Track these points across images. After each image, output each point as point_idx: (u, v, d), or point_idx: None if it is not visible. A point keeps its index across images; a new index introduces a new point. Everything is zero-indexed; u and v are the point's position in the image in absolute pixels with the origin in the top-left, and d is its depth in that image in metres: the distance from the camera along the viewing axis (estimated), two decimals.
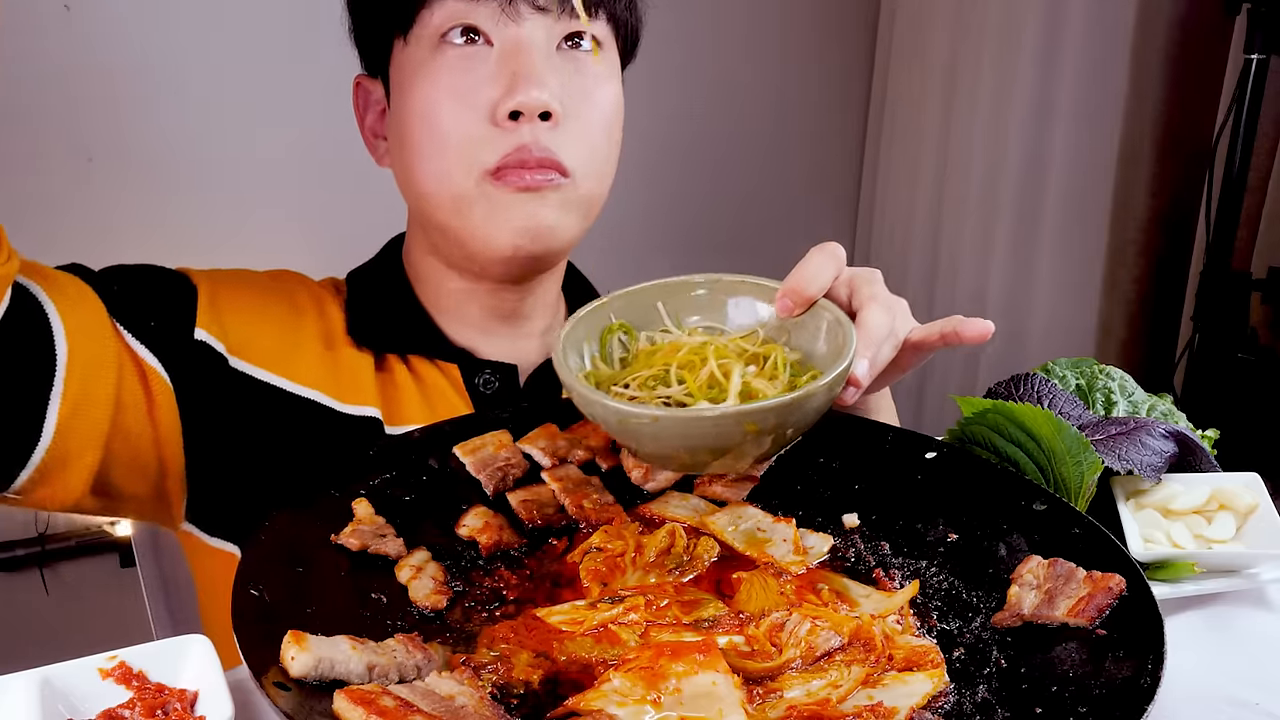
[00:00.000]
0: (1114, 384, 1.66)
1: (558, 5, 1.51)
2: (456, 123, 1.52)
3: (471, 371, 1.70)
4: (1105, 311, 4.10)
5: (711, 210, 4.29)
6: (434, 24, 1.52)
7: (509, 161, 1.51)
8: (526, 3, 1.50)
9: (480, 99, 1.51)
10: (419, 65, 1.55)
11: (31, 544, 3.71)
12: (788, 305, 1.32)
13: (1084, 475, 1.39)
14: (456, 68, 1.52)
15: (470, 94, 1.52)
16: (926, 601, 1.23)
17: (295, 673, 0.97)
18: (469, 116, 1.52)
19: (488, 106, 1.51)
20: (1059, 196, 3.99)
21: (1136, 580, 1.15)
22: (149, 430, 1.49)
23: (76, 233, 3.25)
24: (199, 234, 3.39)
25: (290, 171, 3.49)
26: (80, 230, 3.25)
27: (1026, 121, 3.98)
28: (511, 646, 1.12)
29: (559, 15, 1.53)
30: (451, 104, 1.52)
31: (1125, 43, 3.81)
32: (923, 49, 4.35)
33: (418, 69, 1.55)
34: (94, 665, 1.02)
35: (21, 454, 1.35)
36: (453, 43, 1.52)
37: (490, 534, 1.31)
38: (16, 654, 2.37)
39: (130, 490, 1.50)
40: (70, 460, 1.40)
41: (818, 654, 1.10)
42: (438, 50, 1.53)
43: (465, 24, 1.51)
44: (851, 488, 1.44)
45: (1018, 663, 1.11)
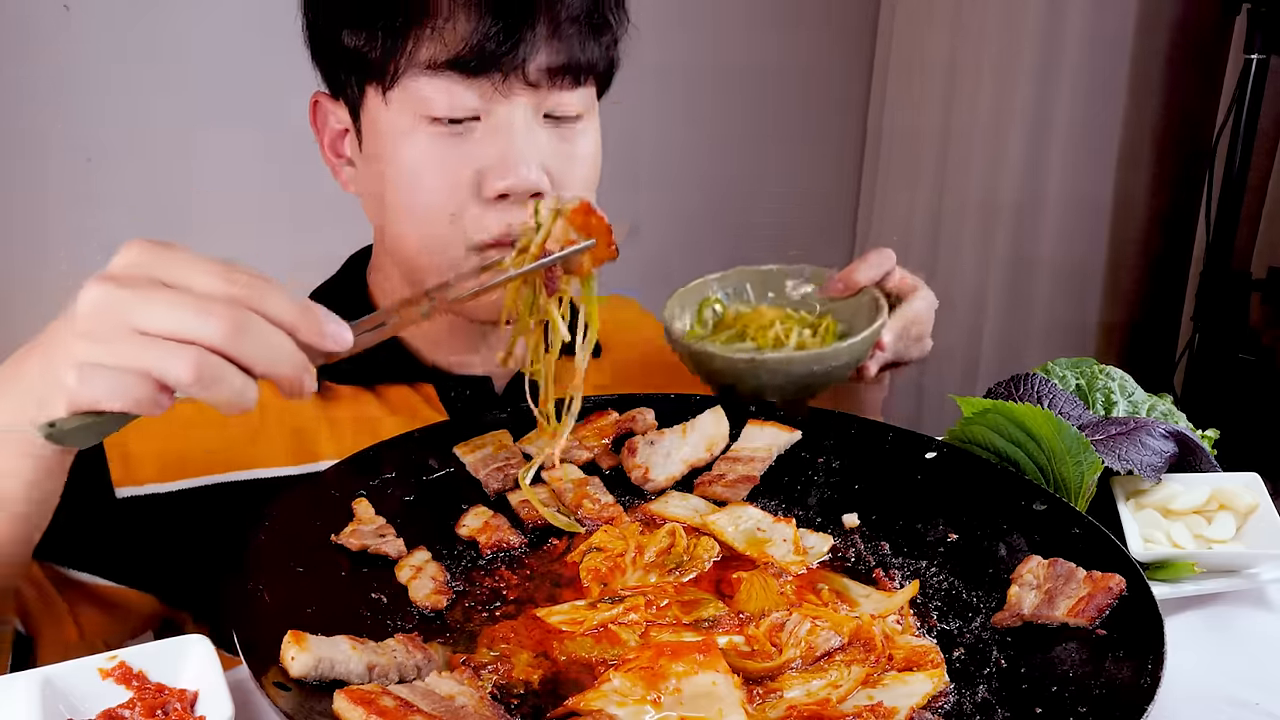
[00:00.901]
0: (1114, 384, 1.66)
1: (547, 80, 1.49)
2: (443, 197, 1.50)
3: (447, 388, 1.69)
4: (1105, 311, 4.10)
5: (709, 212, 4.29)
6: (421, 96, 1.47)
7: (500, 240, 1.50)
8: (519, 79, 1.47)
9: (467, 174, 1.49)
10: (401, 133, 1.51)
11: None
12: (839, 288, 1.66)
13: (1084, 475, 1.39)
14: (442, 143, 1.49)
15: (457, 169, 1.49)
16: (926, 601, 1.23)
17: (295, 673, 0.97)
18: (457, 192, 1.50)
19: (474, 180, 1.49)
20: (1059, 196, 3.99)
21: (1136, 580, 1.15)
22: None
23: (74, 232, 3.24)
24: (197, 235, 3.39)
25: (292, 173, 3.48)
26: (78, 230, 3.24)
27: (1026, 121, 3.98)
28: (511, 646, 1.12)
29: (549, 90, 1.50)
30: (437, 179, 1.50)
31: (1125, 43, 3.81)
32: (922, 48, 4.35)
33: (400, 136, 1.51)
34: (94, 665, 1.02)
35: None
36: (443, 121, 1.49)
37: (490, 534, 1.31)
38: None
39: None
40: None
41: (818, 654, 1.10)
42: (423, 124, 1.49)
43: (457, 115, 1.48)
44: (851, 488, 1.44)
45: (1018, 663, 1.11)
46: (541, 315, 1.38)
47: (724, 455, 1.49)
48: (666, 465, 1.46)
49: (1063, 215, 4.00)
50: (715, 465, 1.47)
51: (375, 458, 1.37)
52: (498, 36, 1.43)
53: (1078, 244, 4.02)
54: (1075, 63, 3.85)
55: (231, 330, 1.01)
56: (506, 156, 1.47)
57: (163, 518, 1.53)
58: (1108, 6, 3.79)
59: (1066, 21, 3.83)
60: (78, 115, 3.20)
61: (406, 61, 1.46)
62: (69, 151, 3.21)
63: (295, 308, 1.06)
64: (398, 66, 1.47)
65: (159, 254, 1.05)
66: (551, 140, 1.52)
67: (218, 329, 1.01)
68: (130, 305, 1.02)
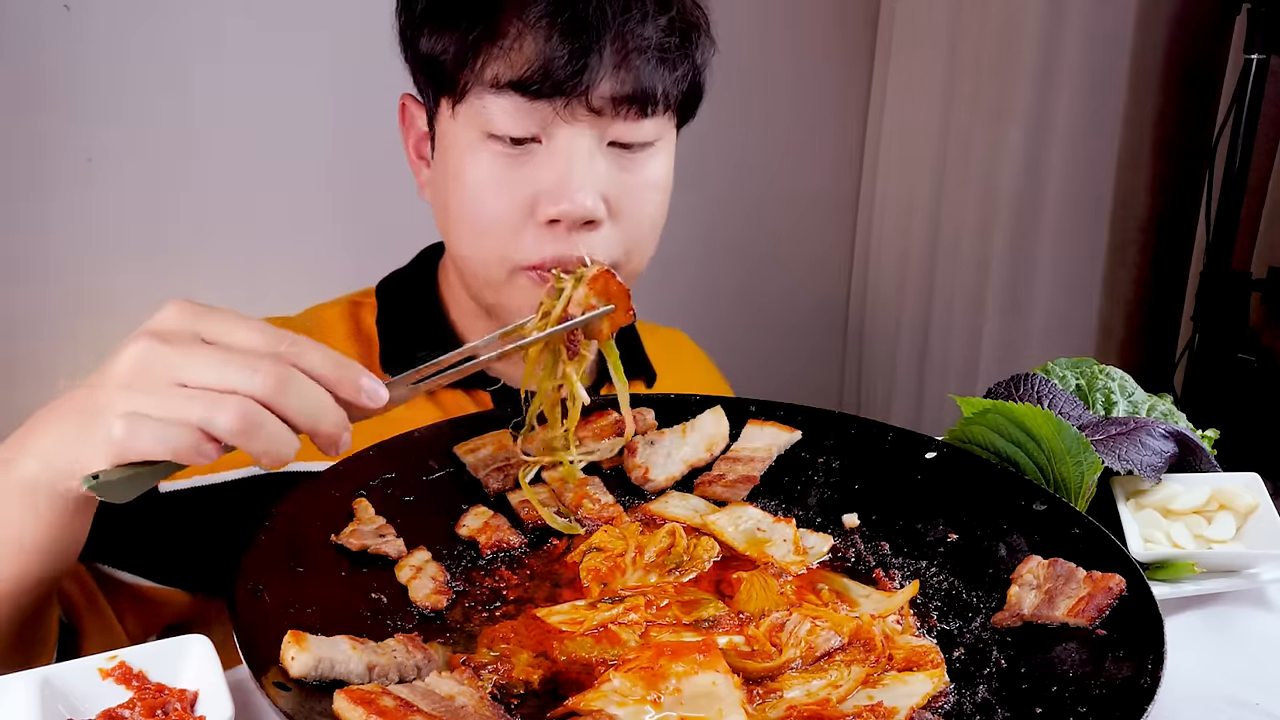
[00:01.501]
0: (1114, 384, 1.66)
1: (611, 108, 1.49)
2: (500, 216, 1.52)
3: (505, 397, 1.69)
4: (1105, 311, 4.09)
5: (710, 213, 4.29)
6: (485, 113, 1.49)
7: (546, 264, 1.51)
8: (583, 105, 1.47)
9: (523, 193, 1.51)
10: (465, 147, 1.53)
11: None
12: None
13: (1084, 475, 1.39)
14: (503, 162, 1.51)
15: (515, 189, 1.51)
16: (926, 601, 1.23)
17: (295, 673, 0.97)
18: (513, 213, 1.51)
19: (530, 202, 1.50)
20: (1058, 196, 3.98)
21: (1136, 580, 1.15)
22: None
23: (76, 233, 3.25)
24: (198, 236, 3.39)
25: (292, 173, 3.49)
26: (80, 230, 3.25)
27: (1026, 120, 3.98)
28: (511, 646, 1.12)
29: (613, 118, 1.50)
30: (495, 197, 1.51)
31: (1125, 42, 3.80)
32: (922, 48, 4.35)
33: (464, 150, 1.53)
34: (94, 665, 1.02)
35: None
36: (504, 141, 1.50)
37: (490, 534, 1.31)
38: None
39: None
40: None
41: (818, 654, 1.10)
42: (486, 142, 1.51)
43: (518, 135, 1.49)
44: (851, 488, 1.44)
45: (1018, 663, 1.11)
46: (560, 380, 1.41)
47: (724, 455, 1.49)
48: (666, 465, 1.46)
49: (1062, 214, 4.00)
50: (715, 465, 1.47)
51: (375, 458, 1.36)
52: (563, 61, 1.44)
53: (1077, 243, 4.02)
54: (1075, 61, 3.84)
55: (275, 384, 1.05)
56: (564, 182, 1.48)
57: (206, 511, 1.55)
58: (1107, 5, 3.78)
59: (1066, 21, 3.83)
60: (79, 116, 3.20)
61: (474, 77, 1.48)
62: (70, 152, 3.21)
63: (334, 365, 1.11)
64: (466, 81, 1.49)
65: (199, 312, 1.09)
66: (614, 168, 1.53)
67: (262, 383, 1.05)
68: (174, 360, 1.05)
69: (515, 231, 1.52)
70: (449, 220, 1.59)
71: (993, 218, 4.14)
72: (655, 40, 1.49)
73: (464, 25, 1.48)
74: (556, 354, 1.41)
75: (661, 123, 1.56)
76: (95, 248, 3.28)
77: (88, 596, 1.46)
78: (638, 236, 1.59)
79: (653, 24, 1.49)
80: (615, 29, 1.46)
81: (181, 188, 3.35)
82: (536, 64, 1.44)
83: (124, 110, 3.24)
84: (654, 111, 1.53)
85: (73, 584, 1.43)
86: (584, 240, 1.51)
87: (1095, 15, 3.79)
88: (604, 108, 1.48)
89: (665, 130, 1.59)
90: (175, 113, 3.30)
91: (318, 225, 3.54)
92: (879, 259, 4.69)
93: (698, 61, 1.58)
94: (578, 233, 1.51)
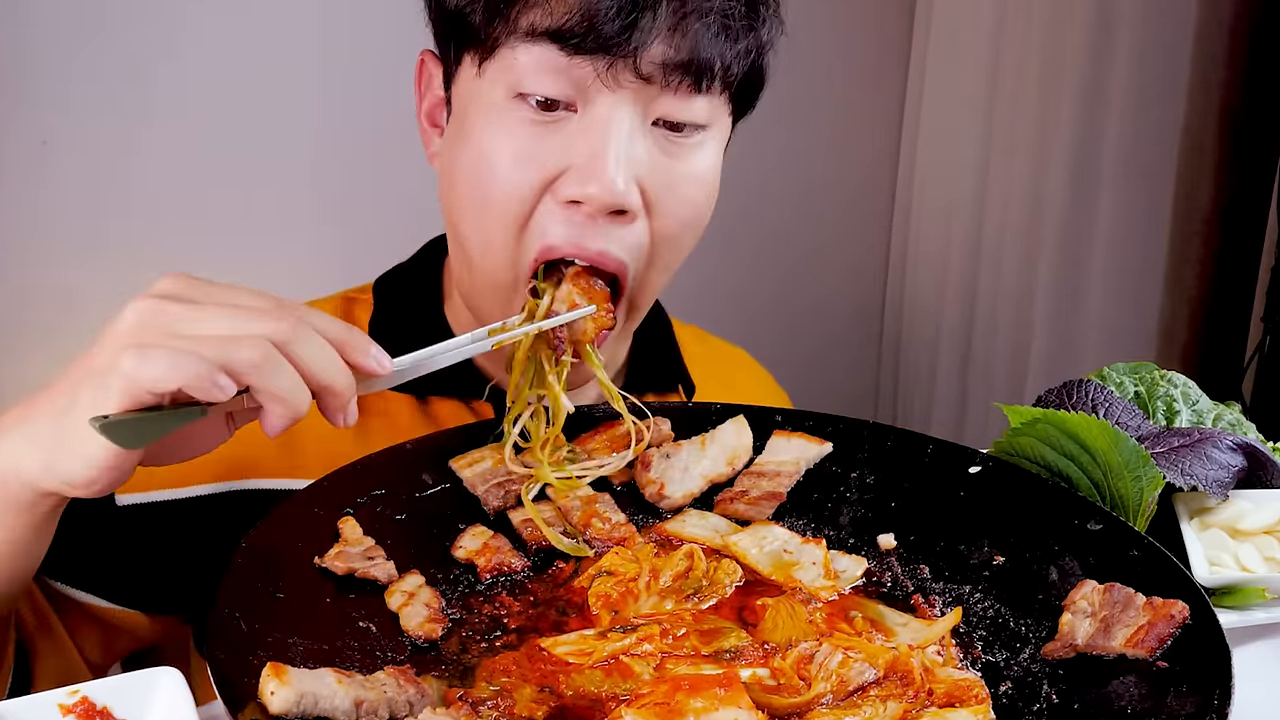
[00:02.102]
0: (1176, 391, 1.66)
1: (661, 76, 1.42)
2: (511, 189, 1.45)
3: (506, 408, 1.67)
4: (1166, 312, 4.08)
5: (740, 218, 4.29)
6: (516, 67, 1.43)
7: (556, 251, 1.46)
8: (629, 68, 1.40)
9: (546, 168, 1.44)
10: (487, 110, 1.47)
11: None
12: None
13: (1143, 491, 1.39)
14: (529, 130, 1.45)
15: (537, 161, 1.44)
16: (970, 630, 1.23)
17: (275, 709, 0.97)
18: (527, 187, 1.45)
19: (551, 177, 1.44)
20: (1115, 186, 3.97)
21: (1201, 607, 1.14)
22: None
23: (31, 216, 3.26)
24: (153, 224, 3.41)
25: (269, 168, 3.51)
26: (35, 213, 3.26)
27: (1078, 103, 3.97)
28: (513, 680, 1.12)
29: (662, 88, 1.44)
30: (512, 168, 1.45)
31: (1188, 18, 3.79)
32: (963, 32, 4.35)
33: (485, 114, 1.47)
34: (54, 700, 1.02)
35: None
36: (532, 104, 1.44)
37: (490, 556, 1.31)
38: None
39: None
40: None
41: (850, 688, 1.10)
42: (512, 104, 1.45)
43: (550, 94, 1.42)
44: (888, 505, 1.44)
45: (1070, 698, 1.11)
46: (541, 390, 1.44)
47: (747, 470, 1.49)
48: (684, 481, 1.46)
49: (1119, 206, 3.99)
50: (737, 480, 1.47)
51: (363, 472, 1.36)
52: (611, 13, 1.37)
53: (1135, 238, 4.01)
54: (1131, 39, 3.84)
55: (289, 329, 1.10)
56: (596, 157, 1.42)
57: (168, 527, 1.55)
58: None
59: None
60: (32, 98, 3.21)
61: (507, 28, 1.42)
62: (23, 135, 3.23)
63: (342, 328, 1.16)
64: (498, 33, 1.43)
65: (200, 282, 1.14)
66: (656, 152, 1.47)
67: (275, 327, 1.09)
68: (180, 316, 1.10)
69: (524, 207, 1.46)
70: (453, 193, 1.54)
71: (1041, 211, 4.13)
72: (719, 4, 1.43)
73: None
74: (540, 364, 1.42)
75: (716, 105, 1.51)
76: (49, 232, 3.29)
77: (39, 615, 1.47)
78: (672, 239, 1.52)
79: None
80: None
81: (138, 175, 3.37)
82: (580, 12, 1.38)
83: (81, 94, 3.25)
84: (709, 87, 1.46)
85: (24, 601, 1.43)
86: (607, 233, 1.46)
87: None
88: (653, 74, 1.41)
89: (719, 116, 1.53)
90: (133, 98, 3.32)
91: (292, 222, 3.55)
92: (917, 260, 4.69)
93: (763, 39, 1.52)
94: (602, 222, 1.45)
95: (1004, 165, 4.25)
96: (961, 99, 4.38)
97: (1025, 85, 4.12)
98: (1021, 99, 4.15)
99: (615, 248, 1.47)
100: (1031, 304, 4.22)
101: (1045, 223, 4.13)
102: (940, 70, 4.49)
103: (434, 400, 1.68)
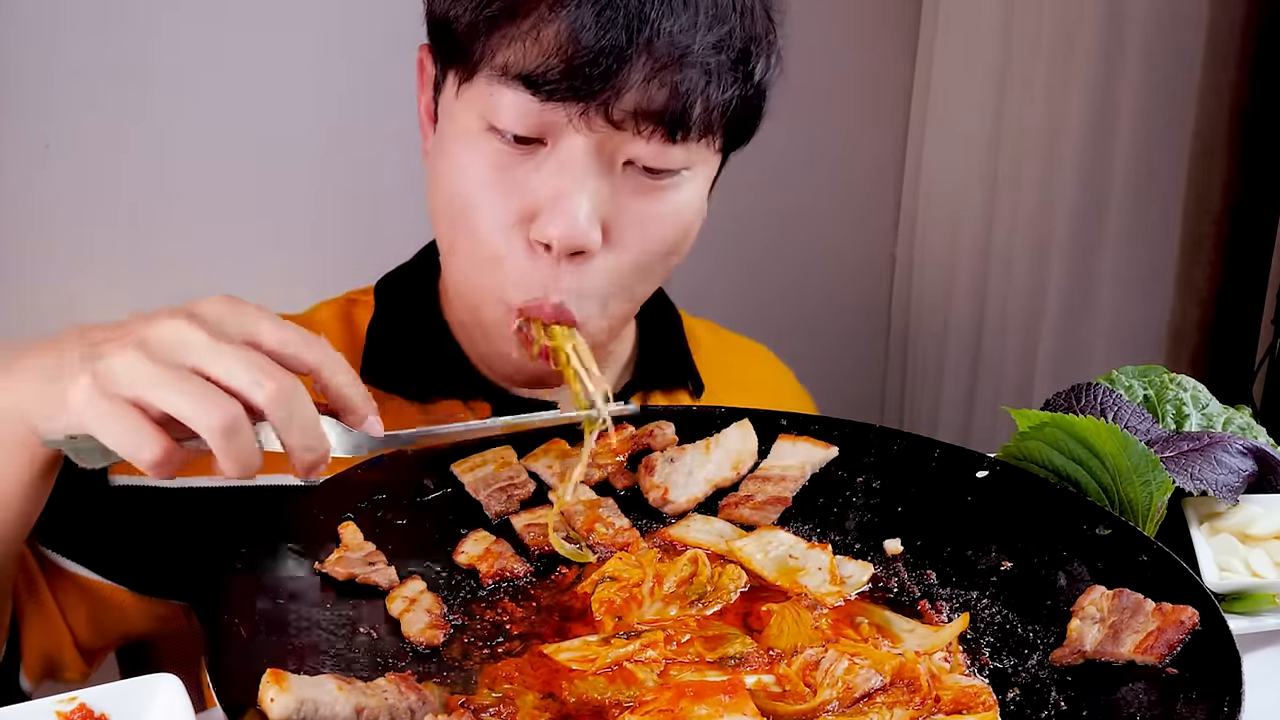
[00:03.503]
0: (1186, 395, 1.66)
1: (633, 124, 1.41)
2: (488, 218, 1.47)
3: (506, 409, 1.67)
4: (1176, 314, 4.08)
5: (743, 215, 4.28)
6: (489, 100, 1.43)
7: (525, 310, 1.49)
8: (601, 114, 1.40)
9: (518, 200, 1.45)
10: (463, 134, 1.47)
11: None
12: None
13: (1152, 496, 1.39)
14: (501, 159, 1.45)
15: (510, 191, 1.45)
16: (978, 636, 1.23)
17: (275, 716, 0.97)
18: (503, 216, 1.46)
19: (525, 212, 1.45)
20: (1125, 187, 3.96)
21: (1211, 613, 1.14)
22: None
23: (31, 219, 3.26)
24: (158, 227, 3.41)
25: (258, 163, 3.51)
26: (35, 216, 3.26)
27: (1088, 104, 3.96)
28: (516, 687, 1.12)
29: (635, 134, 1.43)
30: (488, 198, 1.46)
31: (1199, 20, 3.79)
32: (971, 28, 4.34)
33: (461, 137, 1.48)
34: (50, 708, 1.02)
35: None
36: (504, 137, 1.44)
37: (492, 562, 1.31)
38: None
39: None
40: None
41: (856, 695, 1.10)
42: (485, 135, 1.45)
43: (521, 133, 1.43)
44: (894, 510, 1.44)
45: (1079, 705, 1.11)
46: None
47: (752, 474, 1.48)
48: (688, 485, 1.46)
49: (1129, 208, 3.98)
50: (742, 485, 1.47)
51: (363, 477, 1.36)
52: (585, 61, 1.37)
53: (1146, 238, 4.00)
54: (1142, 36, 3.83)
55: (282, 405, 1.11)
56: (563, 198, 1.42)
57: (166, 512, 1.56)
58: None
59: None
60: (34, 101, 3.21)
61: (485, 58, 1.42)
62: (24, 138, 3.23)
63: (352, 386, 1.19)
64: (477, 56, 1.43)
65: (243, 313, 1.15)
66: (624, 192, 1.48)
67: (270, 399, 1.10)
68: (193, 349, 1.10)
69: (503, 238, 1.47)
70: (434, 200, 1.56)
71: (1050, 212, 4.12)
72: (700, 56, 1.41)
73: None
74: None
75: (695, 149, 1.49)
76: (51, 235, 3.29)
77: (27, 576, 1.48)
78: (639, 270, 1.53)
79: (702, 35, 1.40)
80: (652, 32, 1.37)
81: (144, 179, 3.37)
82: (554, 59, 1.37)
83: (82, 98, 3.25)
84: (684, 138, 1.45)
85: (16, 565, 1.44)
86: (570, 272, 1.46)
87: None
88: (625, 122, 1.41)
89: (701, 156, 1.52)
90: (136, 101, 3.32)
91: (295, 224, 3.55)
92: (924, 260, 4.68)
93: (754, 83, 1.50)
94: (565, 263, 1.46)
95: (1013, 166, 4.24)
96: (969, 101, 4.37)
97: (1034, 86, 4.12)
98: (1031, 99, 4.14)
99: (572, 300, 1.49)
100: (1040, 305, 4.21)
101: (1054, 224, 4.12)
102: (949, 69, 4.48)
103: (434, 402, 1.68)
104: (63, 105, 3.22)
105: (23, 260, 3.27)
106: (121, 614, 1.58)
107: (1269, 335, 3.79)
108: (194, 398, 1.06)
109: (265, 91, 3.42)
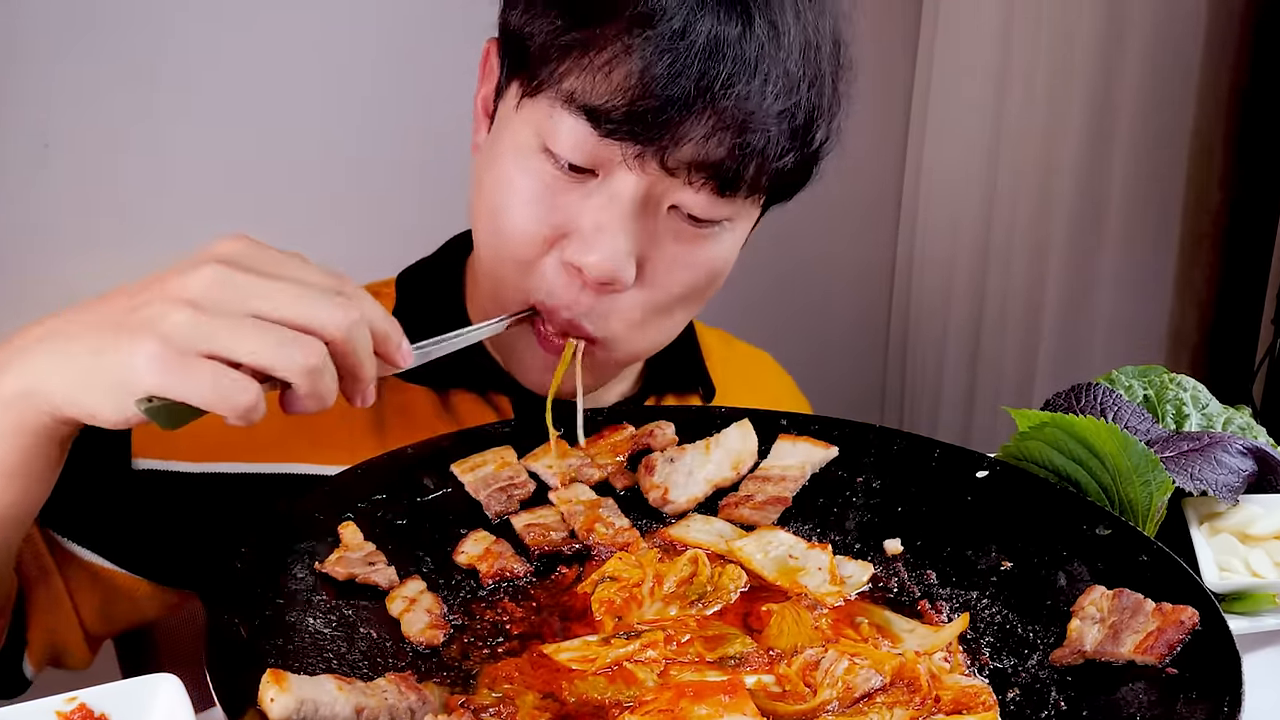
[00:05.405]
0: (1186, 395, 1.66)
1: (686, 174, 1.42)
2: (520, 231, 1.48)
3: (525, 404, 1.68)
4: (1176, 314, 4.08)
5: None
6: (550, 128, 1.43)
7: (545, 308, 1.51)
8: (656, 159, 1.41)
9: (557, 222, 1.46)
10: (517, 148, 1.48)
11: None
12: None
13: (1152, 496, 1.39)
14: (548, 181, 1.46)
15: (552, 213, 1.46)
16: (978, 636, 1.23)
17: (275, 716, 0.97)
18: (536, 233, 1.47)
19: (561, 233, 1.46)
20: (1124, 187, 3.96)
21: (1211, 613, 1.14)
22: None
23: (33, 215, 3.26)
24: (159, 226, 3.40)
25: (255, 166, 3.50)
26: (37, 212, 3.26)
27: (1087, 100, 3.96)
28: (516, 687, 1.11)
29: (685, 183, 1.44)
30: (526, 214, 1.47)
31: (1198, 20, 3.79)
32: (970, 28, 4.33)
33: (513, 150, 1.48)
34: (51, 708, 1.02)
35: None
36: (558, 162, 1.44)
37: (492, 562, 1.31)
38: None
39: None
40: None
41: (856, 695, 1.09)
42: (539, 155, 1.46)
43: (575, 162, 1.43)
44: (894, 510, 1.44)
45: (1079, 705, 1.11)
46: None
47: (752, 474, 1.48)
48: (688, 485, 1.46)
49: (1128, 208, 3.98)
50: (742, 485, 1.47)
51: (363, 476, 1.36)
52: (650, 106, 1.37)
53: (1145, 239, 4.00)
54: (1141, 35, 3.83)
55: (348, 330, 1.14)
56: (602, 231, 1.44)
57: (183, 500, 1.56)
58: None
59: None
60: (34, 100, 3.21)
61: (552, 81, 1.42)
62: (24, 136, 3.22)
63: (386, 319, 1.21)
64: (543, 77, 1.43)
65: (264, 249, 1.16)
66: (665, 235, 1.49)
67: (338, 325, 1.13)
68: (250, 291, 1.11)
69: (532, 254, 1.48)
70: (477, 202, 1.56)
71: (1049, 212, 4.12)
72: (764, 123, 1.41)
73: (563, 16, 1.42)
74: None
75: (740, 204, 1.50)
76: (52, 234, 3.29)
77: (40, 566, 1.48)
78: (662, 310, 1.55)
79: (769, 103, 1.41)
80: (721, 91, 1.38)
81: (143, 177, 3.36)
82: (621, 98, 1.37)
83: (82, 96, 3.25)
84: (732, 195, 1.46)
85: (25, 547, 1.44)
86: (596, 298, 1.48)
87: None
88: (678, 170, 1.42)
89: (744, 211, 1.54)
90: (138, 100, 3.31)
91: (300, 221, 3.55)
92: (924, 261, 4.67)
93: (812, 150, 1.52)
94: (594, 292, 1.48)
95: (1013, 166, 4.24)
96: (969, 101, 4.37)
97: (1034, 86, 4.12)
98: (1031, 99, 4.14)
99: (597, 324, 1.51)
100: (1040, 306, 4.21)
101: (1054, 224, 4.12)
102: (949, 69, 4.48)
103: (453, 394, 1.69)
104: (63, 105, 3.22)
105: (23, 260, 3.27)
106: (133, 603, 1.58)
107: (1269, 335, 3.79)
108: (275, 342, 1.08)
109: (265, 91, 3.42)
